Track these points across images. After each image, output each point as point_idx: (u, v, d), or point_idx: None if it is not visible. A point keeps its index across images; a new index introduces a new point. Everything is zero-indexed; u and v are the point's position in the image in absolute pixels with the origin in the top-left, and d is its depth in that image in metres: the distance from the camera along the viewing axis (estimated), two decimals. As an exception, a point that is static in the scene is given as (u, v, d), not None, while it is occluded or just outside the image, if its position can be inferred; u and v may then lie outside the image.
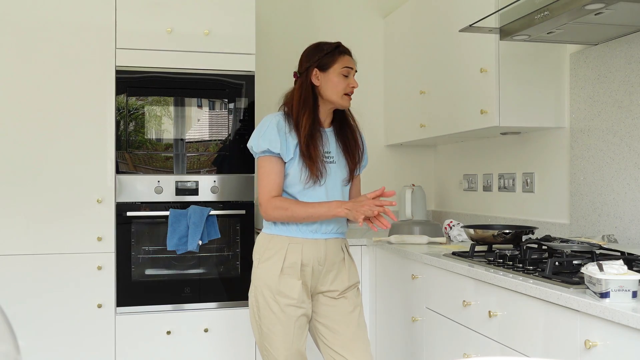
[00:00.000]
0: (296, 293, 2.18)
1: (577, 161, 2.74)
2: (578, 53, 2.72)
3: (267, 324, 2.20)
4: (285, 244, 2.20)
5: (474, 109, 2.89)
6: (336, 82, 2.24)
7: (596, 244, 2.07)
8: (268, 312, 2.19)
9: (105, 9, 3.10)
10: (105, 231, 3.09)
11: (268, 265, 2.20)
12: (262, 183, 2.20)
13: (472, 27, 2.49)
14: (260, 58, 3.80)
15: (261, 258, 2.23)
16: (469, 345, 2.24)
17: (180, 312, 3.16)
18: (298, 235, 2.21)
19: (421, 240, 2.94)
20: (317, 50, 2.28)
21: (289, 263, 2.19)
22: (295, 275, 2.20)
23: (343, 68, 2.25)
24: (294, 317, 2.19)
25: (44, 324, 3.02)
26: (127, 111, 3.12)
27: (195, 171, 3.20)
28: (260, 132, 2.20)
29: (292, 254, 2.19)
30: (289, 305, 2.18)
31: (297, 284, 2.19)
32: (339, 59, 2.25)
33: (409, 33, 3.67)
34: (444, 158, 4.01)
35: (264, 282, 2.20)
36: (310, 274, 2.22)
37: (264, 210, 2.20)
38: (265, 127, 2.20)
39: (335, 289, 2.28)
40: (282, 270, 2.18)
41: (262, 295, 2.20)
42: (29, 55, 3.03)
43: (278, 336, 2.18)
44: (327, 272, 2.26)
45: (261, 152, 2.20)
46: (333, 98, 2.25)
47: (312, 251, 2.21)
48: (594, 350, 1.58)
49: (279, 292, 2.18)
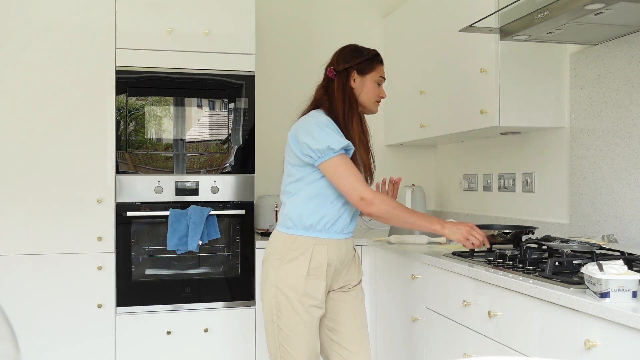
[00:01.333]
0: (321, 294, 2.18)
1: (577, 161, 2.74)
2: (578, 53, 2.72)
3: (289, 326, 2.16)
4: (310, 245, 2.17)
5: (474, 109, 2.89)
6: (371, 88, 2.27)
7: (596, 244, 2.07)
8: (291, 314, 2.16)
9: (105, 9, 3.10)
10: (106, 231, 3.09)
11: (293, 266, 2.16)
12: (355, 178, 2.11)
13: (472, 27, 2.49)
14: (260, 58, 3.80)
15: (284, 259, 2.18)
16: (469, 345, 2.24)
17: (180, 312, 3.16)
18: (323, 236, 2.19)
19: (421, 240, 2.94)
20: (357, 53, 2.28)
21: (316, 264, 2.17)
22: (320, 277, 2.18)
23: (379, 77, 2.29)
24: (316, 317, 2.19)
25: (44, 323, 3.02)
26: (127, 111, 3.12)
27: (195, 171, 3.20)
28: (329, 131, 2.13)
29: (318, 255, 2.17)
30: (313, 306, 2.17)
31: (322, 284, 2.18)
32: (377, 67, 2.29)
33: (408, 33, 3.67)
34: (444, 158, 4.01)
35: (287, 284, 2.16)
36: (332, 273, 2.23)
37: (368, 204, 2.11)
38: (329, 125, 2.14)
39: (346, 284, 2.30)
40: (308, 272, 2.16)
41: (286, 296, 2.16)
42: (29, 55, 3.03)
43: (301, 337, 2.16)
44: (342, 269, 2.28)
45: (340, 149, 2.11)
46: (366, 103, 2.28)
47: (336, 251, 2.21)
48: (594, 350, 1.58)
49: (305, 294, 2.15)
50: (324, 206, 2.19)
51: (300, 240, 2.17)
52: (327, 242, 2.19)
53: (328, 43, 3.95)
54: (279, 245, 2.21)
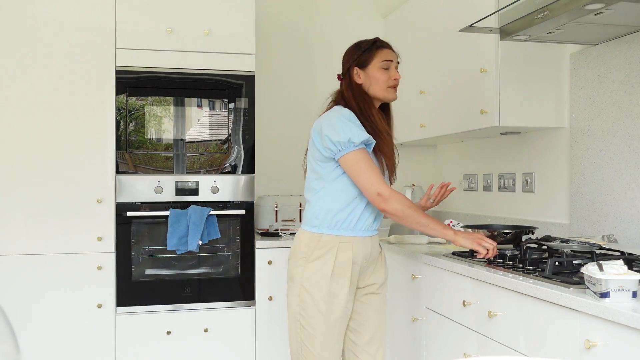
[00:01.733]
0: (345, 294, 2.17)
1: (577, 161, 2.74)
2: (578, 53, 2.72)
3: (313, 325, 2.15)
4: (336, 243, 2.16)
5: (474, 109, 2.89)
6: (377, 77, 2.21)
7: (596, 244, 2.07)
8: (315, 312, 2.14)
9: (105, 9, 3.10)
10: (105, 231, 3.09)
11: (318, 264, 2.16)
12: (373, 174, 2.10)
13: (472, 27, 2.48)
14: (260, 58, 3.80)
15: (309, 257, 2.17)
16: (469, 345, 2.24)
17: (180, 312, 3.16)
18: (348, 234, 2.18)
19: (421, 240, 2.94)
20: (355, 49, 2.26)
21: (340, 262, 2.16)
22: (345, 275, 2.17)
23: (382, 62, 2.22)
24: (339, 318, 2.17)
25: (44, 323, 3.02)
26: (127, 111, 3.12)
27: (195, 171, 3.20)
28: (350, 125, 2.11)
29: (344, 253, 2.16)
30: (337, 305, 2.16)
31: (346, 283, 2.17)
32: (377, 53, 2.22)
33: (409, 33, 3.67)
34: (444, 158, 4.01)
35: (313, 282, 2.15)
36: (358, 271, 2.22)
37: (384, 200, 2.09)
38: (350, 118, 2.13)
39: (373, 282, 2.30)
40: (333, 270, 2.15)
41: (310, 295, 2.15)
42: (29, 55, 3.03)
43: (323, 336, 2.15)
44: (368, 267, 2.27)
45: (360, 143, 2.10)
46: (378, 93, 2.23)
47: (361, 249, 2.20)
48: (594, 350, 1.58)
49: (329, 293, 2.14)
50: (350, 203, 2.19)
51: (325, 239, 2.17)
52: (353, 240, 2.19)
53: (328, 43, 3.97)
54: (304, 244, 2.20)
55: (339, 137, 2.09)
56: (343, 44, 2.37)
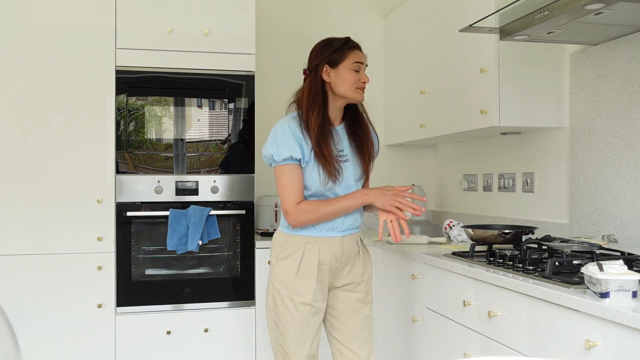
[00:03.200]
0: (311, 293, 2.20)
1: (577, 161, 2.74)
2: (578, 53, 2.72)
3: (283, 322, 2.21)
4: (302, 244, 2.21)
5: (474, 109, 2.89)
6: (347, 77, 2.21)
7: (596, 244, 2.07)
8: (284, 310, 2.21)
9: (105, 9, 3.10)
10: (106, 231, 3.09)
11: (285, 264, 2.22)
12: (286, 192, 2.18)
13: (472, 27, 2.48)
14: (260, 58, 3.80)
15: (278, 257, 2.24)
16: (469, 345, 2.24)
17: (180, 312, 3.16)
18: (315, 235, 2.21)
19: (421, 240, 2.94)
20: (326, 46, 2.24)
21: (306, 263, 2.20)
22: (311, 275, 2.20)
23: (354, 63, 2.22)
24: (307, 315, 2.21)
25: (44, 323, 3.02)
26: (127, 111, 3.12)
27: (195, 171, 3.20)
28: (278, 140, 2.17)
29: (309, 254, 2.20)
30: (303, 304, 2.19)
31: (312, 283, 2.20)
32: (349, 54, 2.22)
33: (409, 33, 3.67)
34: (444, 158, 4.01)
35: (280, 280, 2.21)
36: (328, 272, 2.24)
37: (292, 219, 2.17)
38: (281, 134, 2.17)
39: (351, 282, 2.30)
40: (298, 270, 2.19)
41: (279, 293, 2.21)
42: (29, 55, 3.03)
43: (293, 334, 2.20)
44: (343, 267, 2.28)
45: (282, 161, 2.16)
46: (346, 93, 2.22)
47: (329, 250, 2.22)
48: (594, 350, 1.58)
49: (295, 291, 2.19)
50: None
51: (292, 239, 2.22)
52: (320, 241, 2.21)
53: (328, 43, 3.96)
54: (275, 243, 2.28)
55: (266, 151, 2.21)
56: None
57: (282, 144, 2.16)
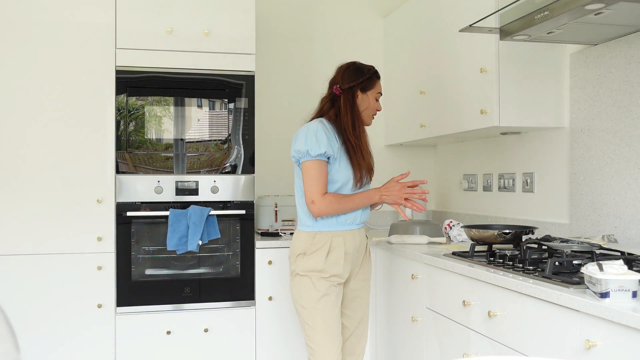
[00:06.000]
0: (340, 267, 2.43)
1: (577, 161, 2.74)
2: (578, 53, 2.72)
3: (309, 300, 2.40)
4: (328, 238, 2.44)
5: (474, 109, 2.89)
6: (371, 104, 2.56)
7: (596, 244, 2.07)
8: (311, 290, 2.40)
9: (105, 9, 3.10)
10: (105, 231, 3.09)
11: (314, 256, 2.43)
12: (314, 182, 2.40)
13: (472, 27, 2.49)
14: (260, 58, 3.80)
15: (307, 252, 2.44)
16: (469, 345, 2.24)
17: (180, 312, 3.16)
18: (339, 229, 2.46)
19: (421, 240, 2.94)
20: (359, 72, 2.53)
21: (335, 254, 2.43)
22: (339, 263, 2.44)
23: (378, 93, 2.58)
24: (335, 287, 2.42)
25: (44, 323, 3.02)
26: (127, 111, 3.12)
27: (195, 171, 3.20)
28: (316, 138, 2.40)
29: (337, 246, 2.44)
30: (333, 276, 2.41)
31: (340, 262, 2.43)
32: (376, 84, 2.57)
33: (408, 33, 3.67)
34: (444, 158, 4.01)
35: (309, 268, 2.41)
36: (350, 261, 2.48)
37: (317, 207, 2.39)
38: (320, 133, 2.41)
39: (362, 275, 2.58)
40: (326, 259, 2.42)
41: (309, 277, 2.41)
42: (29, 55, 3.03)
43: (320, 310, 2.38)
44: (358, 257, 2.53)
45: (316, 156, 2.39)
46: (365, 118, 2.56)
47: (352, 240, 2.47)
48: (594, 350, 1.58)
49: (323, 270, 2.40)
50: None
51: (319, 236, 2.45)
52: (343, 234, 2.46)
53: (328, 43, 3.97)
54: (300, 242, 2.48)
55: (301, 146, 2.42)
56: (343, 44, 2.38)
57: (320, 142, 2.40)
